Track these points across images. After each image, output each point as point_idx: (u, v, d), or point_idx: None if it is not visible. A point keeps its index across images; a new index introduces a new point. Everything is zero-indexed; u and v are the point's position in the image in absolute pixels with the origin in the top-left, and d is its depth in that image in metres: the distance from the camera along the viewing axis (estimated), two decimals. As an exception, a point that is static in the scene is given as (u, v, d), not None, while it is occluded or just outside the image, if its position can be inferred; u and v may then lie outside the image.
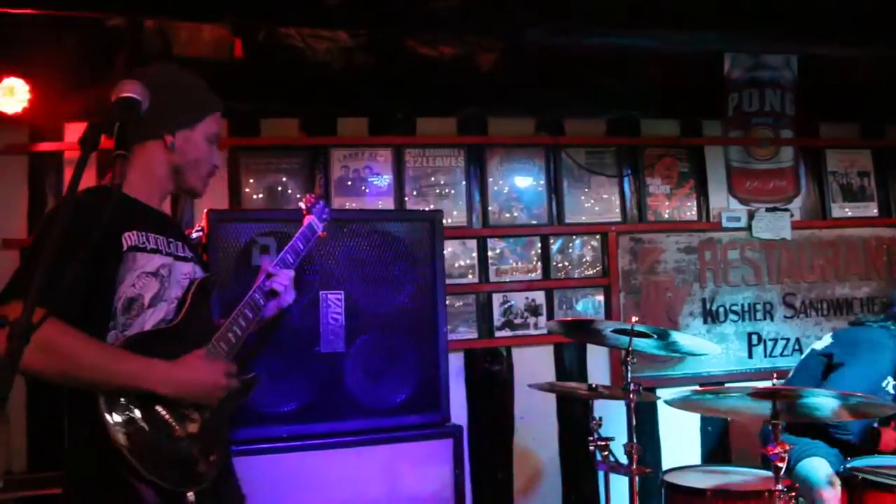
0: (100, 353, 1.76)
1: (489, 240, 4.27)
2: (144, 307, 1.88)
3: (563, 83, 4.29)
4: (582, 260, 4.40)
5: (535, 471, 4.24)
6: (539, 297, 4.30)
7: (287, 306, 2.28)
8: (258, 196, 4.02)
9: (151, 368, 1.80)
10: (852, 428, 3.32)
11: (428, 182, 4.24)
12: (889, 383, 3.43)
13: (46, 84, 3.57)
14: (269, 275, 2.22)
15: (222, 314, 2.15)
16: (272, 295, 2.21)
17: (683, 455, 4.32)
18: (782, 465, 2.50)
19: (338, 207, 4.03)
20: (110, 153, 1.43)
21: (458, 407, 4.01)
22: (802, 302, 4.68)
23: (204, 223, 2.93)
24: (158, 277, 1.92)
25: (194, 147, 2.06)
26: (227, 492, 2.08)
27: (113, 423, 1.72)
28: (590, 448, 3.06)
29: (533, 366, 4.24)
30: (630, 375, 2.96)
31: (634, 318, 3.03)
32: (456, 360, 4.08)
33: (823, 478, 3.21)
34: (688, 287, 4.51)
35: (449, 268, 4.07)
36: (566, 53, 4.16)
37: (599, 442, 3.04)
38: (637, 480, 2.95)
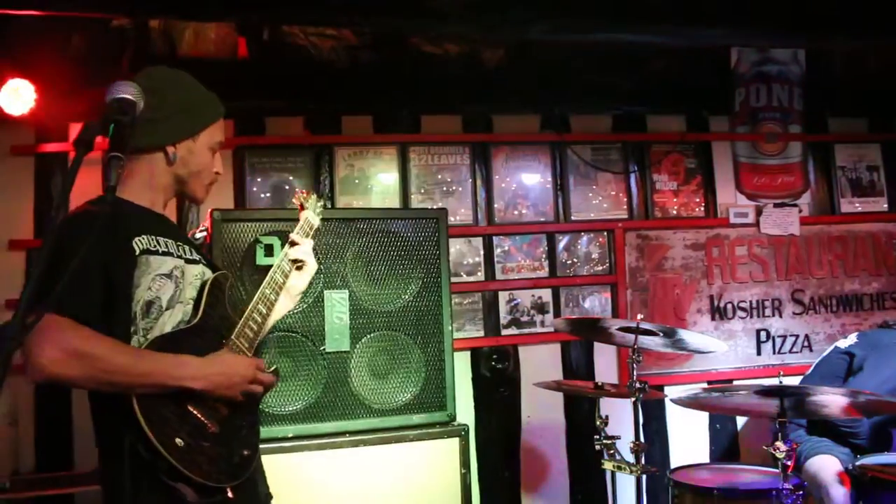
0: (130, 356, 1.78)
1: (495, 237, 4.25)
2: (162, 309, 1.89)
3: (568, 80, 4.27)
4: (589, 257, 4.39)
5: (542, 470, 4.22)
6: (546, 295, 4.29)
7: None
8: (264, 195, 4.02)
9: (183, 365, 1.82)
10: (862, 429, 3.30)
11: (433, 180, 4.22)
12: None
13: (52, 85, 3.57)
14: (293, 242, 2.28)
15: (232, 311, 2.15)
16: (297, 264, 2.26)
17: (692, 453, 4.29)
18: (790, 464, 2.49)
19: (343, 206, 4.03)
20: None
21: (465, 406, 4.01)
22: (811, 298, 4.64)
23: (208, 223, 2.93)
24: (173, 279, 1.92)
25: (196, 157, 2.05)
26: (260, 489, 2.09)
27: (150, 425, 1.73)
28: (596, 447, 3.05)
29: (540, 364, 4.22)
30: (636, 373, 2.95)
31: (640, 316, 3.02)
32: (462, 359, 4.08)
33: (832, 476, 3.19)
34: (695, 284, 4.48)
35: (455, 266, 4.06)
36: (571, 50, 4.15)
37: (605, 440, 3.04)
38: (644, 479, 2.94)
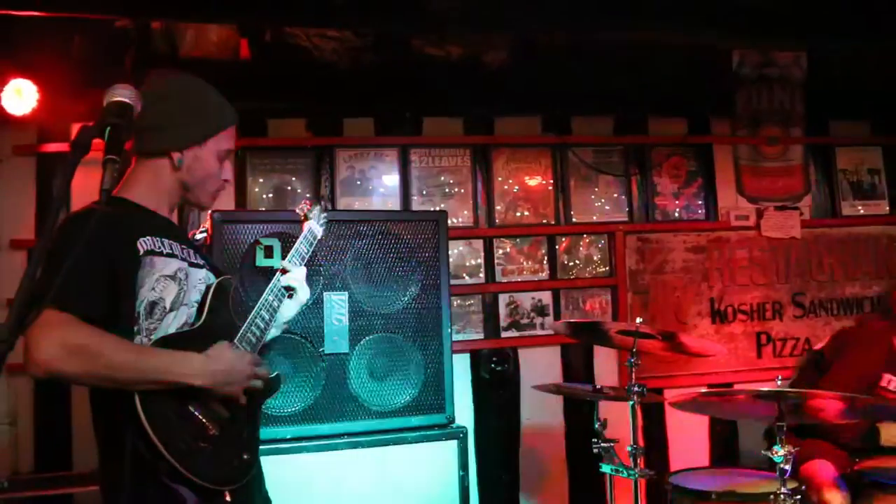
0: (132, 352, 1.78)
1: (495, 240, 4.25)
2: (166, 311, 1.88)
3: (570, 82, 4.26)
4: (589, 260, 4.39)
5: (541, 473, 4.22)
6: (546, 298, 4.29)
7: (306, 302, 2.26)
8: (266, 196, 4.03)
9: (184, 361, 1.82)
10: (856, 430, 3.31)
11: (434, 182, 4.23)
12: (891, 381, 3.41)
13: (54, 85, 3.58)
14: (285, 270, 2.20)
15: (235, 315, 2.15)
16: (287, 291, 2.19)
17: (692, 457, 4.29)
18: (787, 468, 2.49)
19: (344, 208, 4.03)
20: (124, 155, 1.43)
21: (464, 408, 4.01)
22: (812, 301, 4.63)
23: (208, 224, 2.93)
24: (177, 280, 1.92)
25: (203, 165, 2.02)
26: (259, 493, 2.09)
27: (152, 424, 1.72)
28: (594, 450, 3.05)
29: (540, 366, 4.22)
30: (635, 377, 2.95)
31: (639, 320, 3.01)
32: (462, 361, 4.08)
33: (829, 480, 3.19)
34: (696, 287, 4.48)
35: (455, 268, 4.07)
36: (572, 52, 4.15)
37: (603, 444, 3.03)
38: (642, 483, 2.93)
